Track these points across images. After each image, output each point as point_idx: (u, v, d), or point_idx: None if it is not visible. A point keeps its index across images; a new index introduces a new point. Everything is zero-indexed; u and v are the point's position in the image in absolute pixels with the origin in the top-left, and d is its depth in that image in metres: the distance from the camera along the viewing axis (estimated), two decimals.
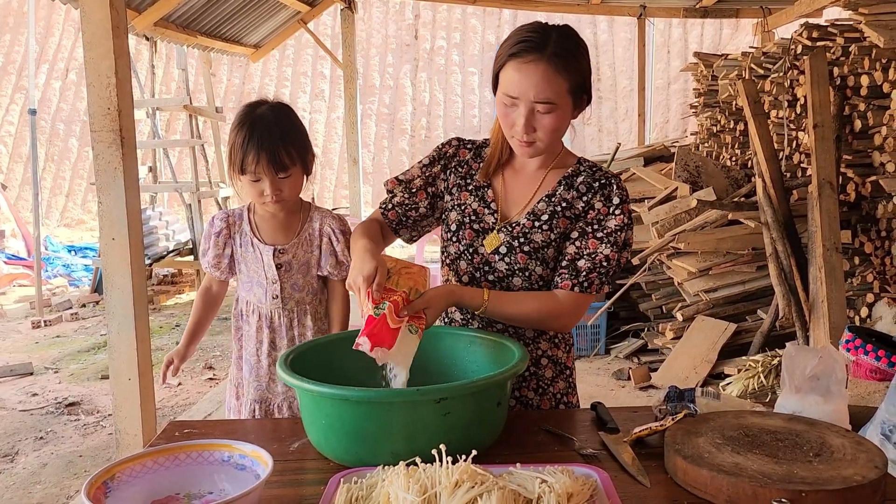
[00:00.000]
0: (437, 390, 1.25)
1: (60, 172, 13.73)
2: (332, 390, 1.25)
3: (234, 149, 1.77)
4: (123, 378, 3.52)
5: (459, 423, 1.28)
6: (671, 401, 1.50)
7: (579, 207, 1.60)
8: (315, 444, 1.38)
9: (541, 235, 1.59)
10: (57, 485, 3.64)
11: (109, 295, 3.44)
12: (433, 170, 1.71)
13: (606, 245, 1.57)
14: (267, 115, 1.78)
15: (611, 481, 1.19)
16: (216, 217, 1.92)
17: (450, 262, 1.70)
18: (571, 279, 1.58)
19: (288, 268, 1.88)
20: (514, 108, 1.50)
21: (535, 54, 1.46)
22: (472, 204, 1.66)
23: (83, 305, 7.53)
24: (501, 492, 1.07)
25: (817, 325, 3.84)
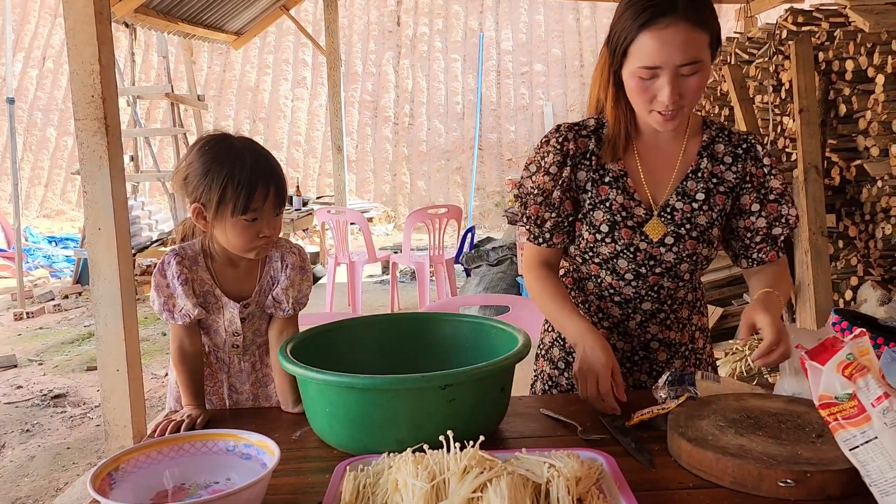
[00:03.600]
0: (443, 376, 1.25)
1: (39, 162, 13.53)
2: (338, 378, 1.25)
3: (229, 186, 1.44)
4: (111, 369, 3.49)
5: (464, 409, 1.29)
6: (672, 384, 1.51)
7: (732, 179, 1.55)
8: (319, 433, 1.37)
9: (704, 217, 1.54)
10: (45, 477, 3.61)
11: (96, 285, 3.40)
12: (564, 173, 1.57)
13: (785, 205, 1.56)
14: (252, 147, 1.52)
15: (616, 465, 1.20)
16: (167, 261, 1.55)
17: (602, 262, 1.60)
18: (773, 249, 1.58)
19: (251, 318, 1.62)
20: (655, 79, 1.40)
21: (670, 16, 1.35)
22: (616, 198, 1.55)
23: (66, 297, 7.45)
24: (510, 477, 1.07)
25: (803, 308, 3.88)
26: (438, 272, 5.94)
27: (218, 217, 1.48)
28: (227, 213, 1.46)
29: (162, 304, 1.54)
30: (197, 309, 1.54)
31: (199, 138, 1.57)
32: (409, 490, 1.04)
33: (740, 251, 1.63)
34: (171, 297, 1.54)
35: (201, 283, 1.58)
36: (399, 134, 13.67)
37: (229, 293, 1.59)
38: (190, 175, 1.50)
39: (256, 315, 1.63)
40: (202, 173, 1.48)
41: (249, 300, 1.61)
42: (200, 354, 1.61)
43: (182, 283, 1.53)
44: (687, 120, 1.56)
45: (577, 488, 1.10)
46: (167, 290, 1.55)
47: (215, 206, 1.46)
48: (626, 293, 1.62)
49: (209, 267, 1.58)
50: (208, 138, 1.53)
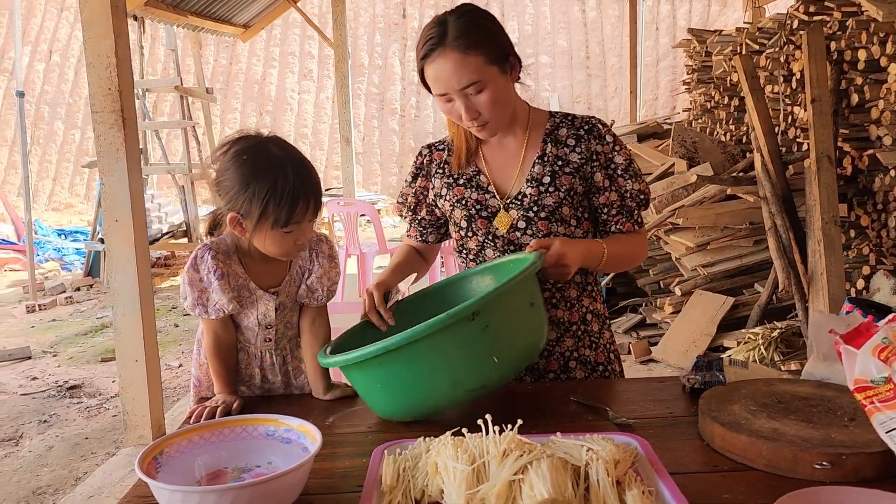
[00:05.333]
0: (465, 307, 1.24)
1: (47, 156, 13.56)
2: (372, 348, 1.26)
3: (272, 201, 1.43)
4: (130, 359, 3.51)
5: (501, 333, 1.30)
6: (699, 370, 1.53)
7: (576, 160, 1.65)
8: (382, 414, 1.40)
9: (551, 198, 1.64)
10: (65, 467, 3.65)
11: (114, 277, 3.43)
12: (418, 184, 1.79)
13: (630, 180, 1.66)
14: (290, 156, 1.48)
15: (651, 448, 1.21)
16: (201, 256, 1.54)
17: (474, 257, 1.72)
18: (629, 220, 1.68)
19: (282, 309, 1.62)
20: (450, 102, 1.55)
21: (438, 49, 1.50)
22: (471, 196, 1.68)
23: (77, 289, 7.49)
24: (550, 459, 1.09)
25: (816, 297, 3.88)
26: (448, 262, 5.96)
27: (258, 228, 1.47)
28: (267, 225, 1.46)
29: (195, 299, 1.53)
30: (232, 304, 1.53)
31: (230, 139, 1.52)
32: (451, 473, 1.06)
33: (601, 227, 1.72)
34: (204, 292, 1.53)
35: (235, 277, 1.56)
36: (405, 126, 13.67)
37: (261, 285, 1.59)
38: (226, 182, 1.48)
39: (287, 307, 1.62)
40: (241, 184, 1.45)
41: (279, 290, 1.60)
42: (234, 343, 1.61)
43: (218, 278, 1.52)
44: (525, 115, 1.69)
45: (616, 471, 1.11)
46: (200, 284, 1.53)
47: (256, 219, 1.45)
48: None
49: (241, 261, 1.57)
50: (244, 146, 1.49)
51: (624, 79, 12.05)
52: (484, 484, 1.05)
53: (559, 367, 1.70)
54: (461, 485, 1.04)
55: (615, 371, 1.76)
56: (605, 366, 1.74)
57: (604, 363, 1.74)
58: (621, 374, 1.79)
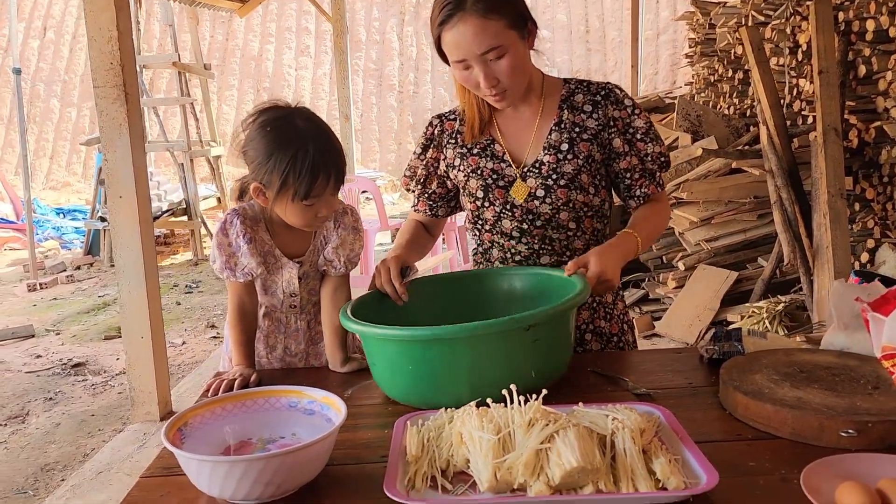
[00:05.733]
0: (526, 317, 1.26)
1: (43, 134, 13.47)
2: (419, 331, 1.25)
3: (291, 174, 1.44)
4: (136, 336, 3.51)
5: (547, 349, 1.32)
6: (718, 340, 1.52)
7: (594, 126, 1.63)
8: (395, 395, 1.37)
9: (570, 166, 1.62)
10: (72, 443, 3.66)
11: (118, 253, 3.41)
12: (429, 156, 1.75)
13: (651, 143, 1.65)
14: (314, 129, 1.49)
15: (674, 417, 1.21)
16: (230, 220, 1.57)
17: (490, 228, 1.70)
18: (652, 183, 1.67)
19: (306, 277, 1.64)
20: (469, 69, 1.52)
21: (458, 13, 1.47)
22: (486, 165, 1.66)
23: (78, 268, 7.47)
24: (576, 428, 1.08)
25: (821, 271, 3.88)
26: (450, 238, 5.94)
27: (278, 199, 1.49)
28: (287, 197, 1.47)
29: (224, 262, 1.56)
30: (260, 267, 1.57)
31: (259, 108, 1.53)
32: (476, 442, 1.05)
33: (625, 192, 1.70)
34: (232, 256, 1.56)
35: (262, 244, 1.59)
36: (404, 102, 13.58)
37: (286, 253, 1.62)
38: (251, 151, 1.50)
39: (311, 275, 1.65)
40: (265, 155, 1.46)
41: (303, 259, 1.62)
42: (256, 314, 1.63)
43: (247, 242, 1.55)
44: (539, 82, 1.66)
45: (641, 440, 1.11)
46: (229, 248, 1.56)
47: (277, 190, 1.47)
48: (521, 251, 1.68)
49: (268, 228, 1.60)
50: (271, 116, 1.50)
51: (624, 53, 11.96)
52: (510, 453, 1.05)
53: (575, 339, 1.69)
54: (488, 454, 1.04)
55: (628, 342, 1.76)
56: (620, 337, 1.74)
57: (618, 334, 1.74)
58: (634, 344, 1.79)
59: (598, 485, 1.03)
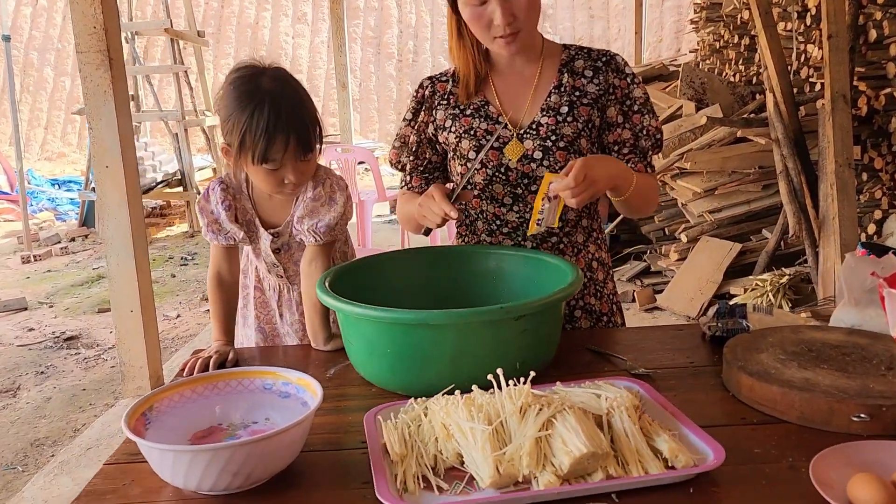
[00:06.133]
0: (517, 306, 1.19)
1: (37, 104, 13.31)
2: (402, 314, 1.16)
3: (248, 134, 1.39)
4: (125, 310, 3.44)
5: (534, 340, 1.24)
6: (722, 317, 1.44)
7: (594, 91, 1.55)
8: (370, 376, 1.29)
9: (569, 128, 1.54)
10: (63, 418, 3.61)
11: (106, 225, 3.33)
12: (420, 119, 1.65)
13: (647, 115, 1.57)
14: (278, 89, 1.42)
15: (657, 391, 1.16)
16: (213, 187, 1.56)
17: (480, 193, 1.60)
18: (641, 161, 1.58)
19: (287, 249, 1.61)
20: (485, 5, 1.44)
21: None
22: (479, 125, 1.57)
23: (72, 239, 7.40)
24: (574, 411, 1.01)
25: (827, 242, 3.79)
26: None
27: (241, 160, 1.45)
28: (247, 159, 1.43)
29: (206, 224, 1.56)
30: (241, 232, 1.56)
31: (236, 66, 1.50)
32: (469, 435, 0.98)
33: None
34: (215, 221, 1.56)
35: (244, 212, 1.58)
36: (403, 71, 13.38)
37: (266, 223, 1.60)
38: (220, 110, 1.47)
39: (293, 246, 1.60)
40: (227, 113, 1.43)
41: (280, 230, 1.58)
42: (236, 285, 1.61)
43: (225, 209, 1.54)
44: (539, 43, 1.59)
45: (637, 418, 1.04)
46: (211, 215, 1.56)
47: (236, 151, 1.44)
48: (511, 220, 1.60)
49: (251, 196, 1.58)
50: (239, 73, 1.46)
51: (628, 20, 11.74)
52: (510, 445, 0.97)
53: (565, 315, 1.62)
54: (485, 447, 0.96)
55: (617, 323, 1.69)
56: (609, 317, 1.66)
57: (607, 314, 1.66)
58: (622, 325, 1.71)
59: (609, 470, 0.96)
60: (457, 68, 1.61)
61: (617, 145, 1.58)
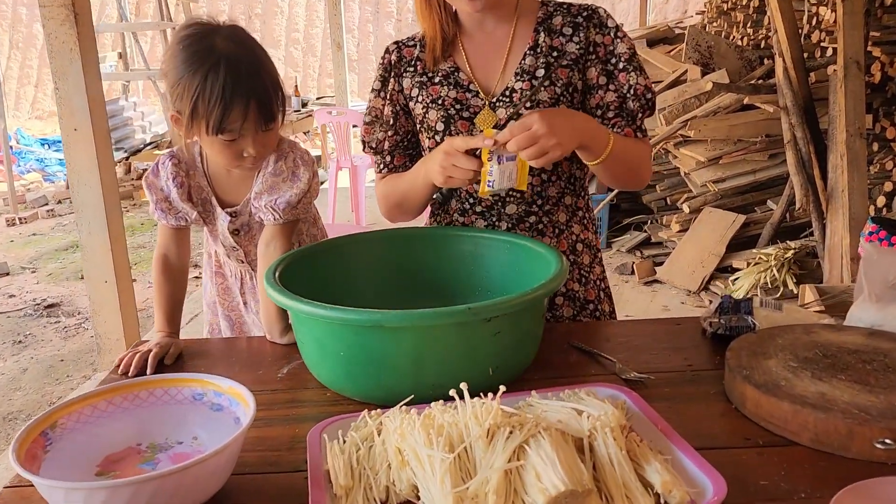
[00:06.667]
0: (486, 307, 1.02)
1: (27, 61, 13.01)
2: (359, 315, 1.00)
3: (201, 101, 1.23)
4: (99, 281, 3.29)
5: (509, 345, 1.08)
6: (724, 312, 1.28)
7: (574, 51, 1.39)
8: (325, 381, 1.14)
9: (546, 93, 1.37)
10: (38, 391, 3.49)
11: (77, 192, 3.16)
12: (389, 88, 1.48)
13: (634, 73, 1.39)
14: (235, 50, 1.26)
15: (643, 401, 1.01)
16: (162, 162, 1.41)
17: None
18: (630, 125, 1.40)
19: (247, 230, 1.47)
20: None
21: None
22: (448, 94, 1.42)
23: (59, 202, 7.22)
24: (550, 435, 0.86)
25: (835, 215, 3.62)
26: None
27: (194, 130, 1.29)
28: (201, 129, 1.27)
29: (155, 203, 1.42)
30: (195, 212, 1.42)
31: (183, 23, 1.35)
32: (426, 464, 0.82)
33: None
34: (165, 199, 1.42)
35: (199, 190, 1.43)
36: (402, 31, 13.03)
37: (224, 202, 1.45)
38: (168, 73, 1.30)
39: (254, 227, 1.46)
40: (176, 77, 1.27)
41: (239, 209, 1.44)
42: (184, 271, 1.46)
43: (177, 186, 1.40)
44: (514, 4, 1.42)
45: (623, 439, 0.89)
46: (161, 192, 1.42)
47: (188, 119, 1.27)
48: (485, 199, 1.44)
49: (206, 172, 1.43)
50: (189, 31, 1.29)
51: None
52: (474, 479, 0.82)
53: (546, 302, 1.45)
54: (445, 479, 0.81)
55: (605, 312, 1.52)
56: (596, 304, 1.50)
57: (594, 301, 1.50)
58: (611, 316, 1.55)
59: None
60: (424, 31, 1.43)
61: (601, 109, 1.40)
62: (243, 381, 1.16)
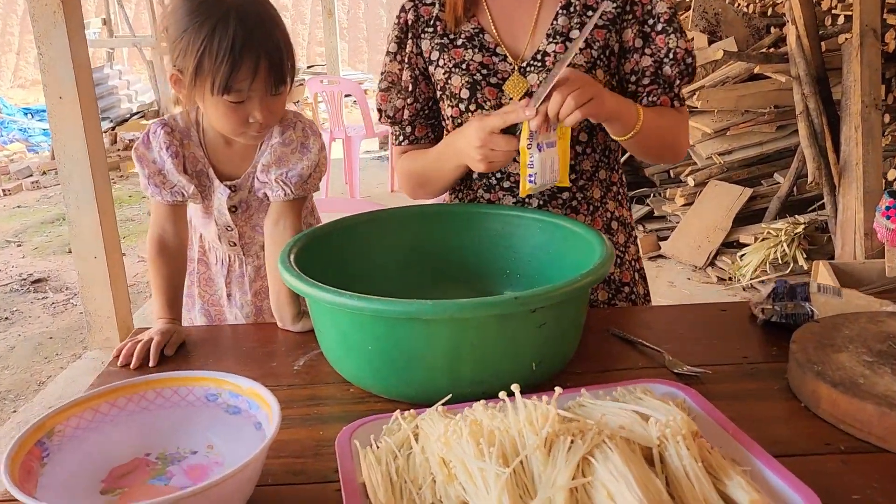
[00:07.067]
0: (536, 297, 0.91)
1: (8, 28, 12.65)
2: (397, 307, 0.89)
3: (207, 56, 1.12)
4: (88, 256, 3.16)
5: (553, 337, 0.97)
6: (779, 299, 1.18)
7: (611, 10, 1.27)
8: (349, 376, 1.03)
9: (582, 57, 1.26)
10: (27, 370, 3.37)
11: (63, 163, 3.01)
12: (406, 50, 1.35)
13: (674, 35, 1.27)
14: (245, 3, 1.16)
15: (706, 400, 0.91)
16: (154, 131, 1.29)
17: None
18: (667, 94, 1.29)
19: (244, 208, 1.36)
20: None
21: None
22: (474, 58, 1.30)
23: (44, 173, 7.02)
24: (616, 444, 0.75)
25: (848, 189, 3.53)
26: None
27: (196, 91, 1.18)
28: (204, 88, 1.16)
29: (147, 177, 1.28)
30: (192, 186, 1.29)
31: None
32: (479, 479, 0.72)
33: None
34: (158, 173, 1.28)
35: (194, 162, 1.31)
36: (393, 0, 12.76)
37: (222, 175, 1.33)
38: (170, 25, 1.18)
39: (253, 205, 1.35)
40: (178, 31, 1.16)
41: (238, 182, 1.32)
42: (183, 251, 1.33)
43: (172, 156, 1.27)
44: None
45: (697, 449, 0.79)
46: (154, 165, 1.28)
47: (191, 77, 1.16)
48: (513, 173, 1.33)
49: (202, 142, 1.31)
50: None
51: None
52: (535, 499, 0.71)
53: None
54: (501, 498, 0.70)
55: (640, 295, 1.42)
56: (631, 287, 1.40)
57: (629, 283, 1.40)
58: (646, 297, 1.45)
59: None
60: None
61: (635, 75, 1.29)
62: (255, 375, 1.06)
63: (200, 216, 1.40)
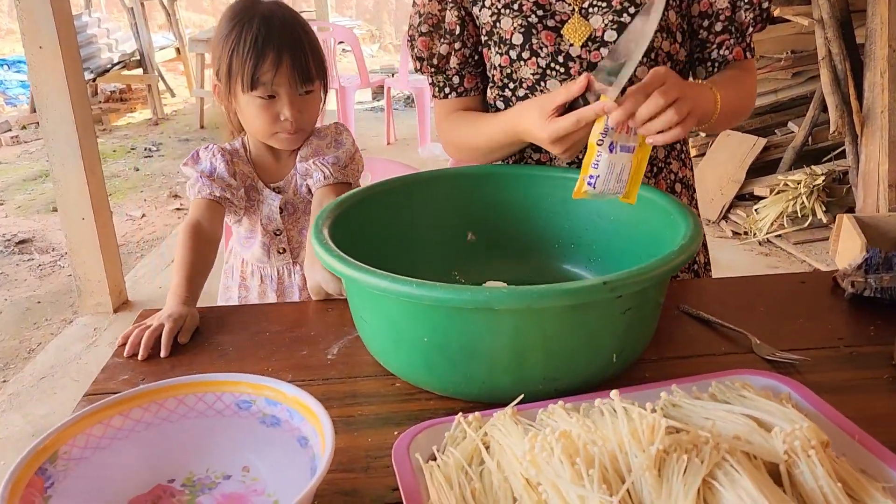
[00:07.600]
0: (626, 281, 0.77)
1: None
2: (463, 295, 0.74)
3: (236, 54, 1.23)
4: (76, 217, 2.99)
5: (636, 323, 0.84)
6: (872, 270, 1.05)
7: None
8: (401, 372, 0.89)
9: None
10: (15, 336, 3.21)
11: (45, 118, 2.81)
12: None
13: None
14: (272, 9, 1.27)
15: (818, 397, 0.78)
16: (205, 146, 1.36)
17: (527, 94, 1.15)
18: (739, 43, 1.15)
19: (292, 210, 1.40)
20: None
21: None
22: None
23: (23, 127, 6.74)
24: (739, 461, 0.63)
25: (872, 139, 3.39)
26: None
27: (231, 95, 1.29)
28: (237, 89, 1.27)
29: (198, 174, 1.32)
30: (241, 188, 1.35)
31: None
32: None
33: (696, 51, 1.19)
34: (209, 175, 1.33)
35: (244, 177, 1.38)
36: None
37: (268, 182, 1.41)
38: (213, 46, 1.32)
39: (300, 208, 1.39)
40: (216, 42, 1.30)
41: (282, 184, 1.39)
42: (215, 243, 1.29)
43: (224, 162, 1.34)
44: None
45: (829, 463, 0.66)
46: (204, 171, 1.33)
47: (225, 80, 1.28)
48: None
49: (249, 159, 1.40)
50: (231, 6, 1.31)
51: None
52: None
53: None
54: None
55: (701, 265, 1.29)
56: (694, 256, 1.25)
57: None
58: (707, 267, 1.31)
59: None
60: None
61: (707, 19, 1.14)
62: (284, 367, 0.92)
63: (243, 238, 1.43)
